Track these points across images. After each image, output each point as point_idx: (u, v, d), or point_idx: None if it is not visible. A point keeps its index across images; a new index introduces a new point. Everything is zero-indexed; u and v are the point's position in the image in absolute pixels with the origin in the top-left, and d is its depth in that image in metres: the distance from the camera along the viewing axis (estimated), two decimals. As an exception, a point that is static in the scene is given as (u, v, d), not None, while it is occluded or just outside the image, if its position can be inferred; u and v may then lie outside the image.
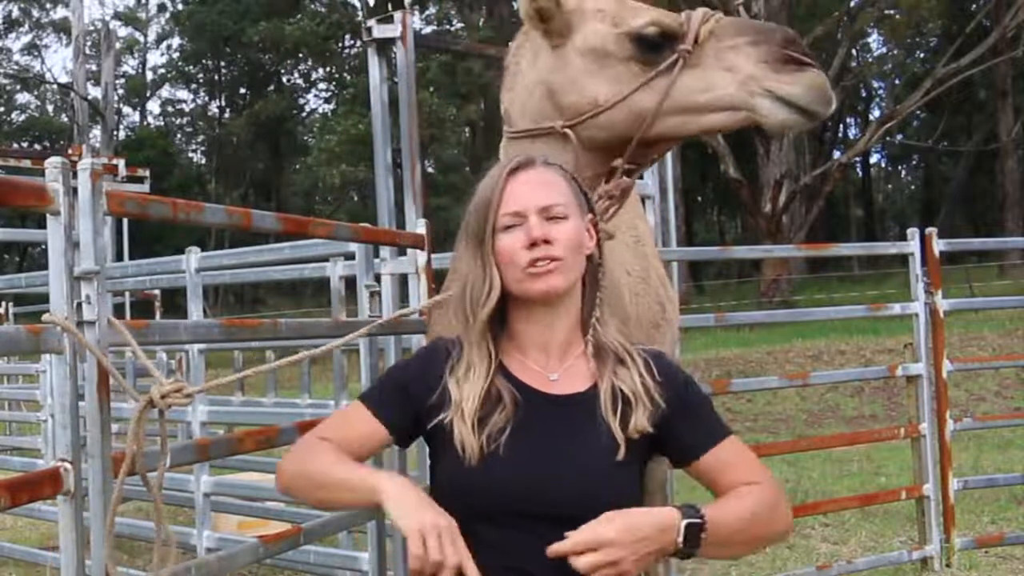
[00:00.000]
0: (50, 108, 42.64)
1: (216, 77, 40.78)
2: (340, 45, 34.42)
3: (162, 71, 43.55)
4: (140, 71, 44.05)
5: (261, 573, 5.43)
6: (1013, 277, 23.19)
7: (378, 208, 3.62)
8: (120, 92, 38.89)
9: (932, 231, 5.32)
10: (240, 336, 2.89)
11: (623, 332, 1.84)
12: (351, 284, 3.88)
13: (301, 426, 2.80)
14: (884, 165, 48.33)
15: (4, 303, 9.25)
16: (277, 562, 4.48)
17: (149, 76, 43.86)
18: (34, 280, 5.18)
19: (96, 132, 32.88)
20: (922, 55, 34.33)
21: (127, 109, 42.63)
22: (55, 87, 40.05)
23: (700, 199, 43.43)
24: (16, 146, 29.91)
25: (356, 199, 34.39)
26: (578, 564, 1.54)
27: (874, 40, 33.60)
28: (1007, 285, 21.04)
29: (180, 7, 40.08)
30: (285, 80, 39.87)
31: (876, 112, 32.45)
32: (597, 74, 2.40)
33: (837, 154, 29.91)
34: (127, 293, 7.50)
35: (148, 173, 9.27)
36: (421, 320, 2.96)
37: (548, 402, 1.73)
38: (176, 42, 42.12)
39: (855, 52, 31.55)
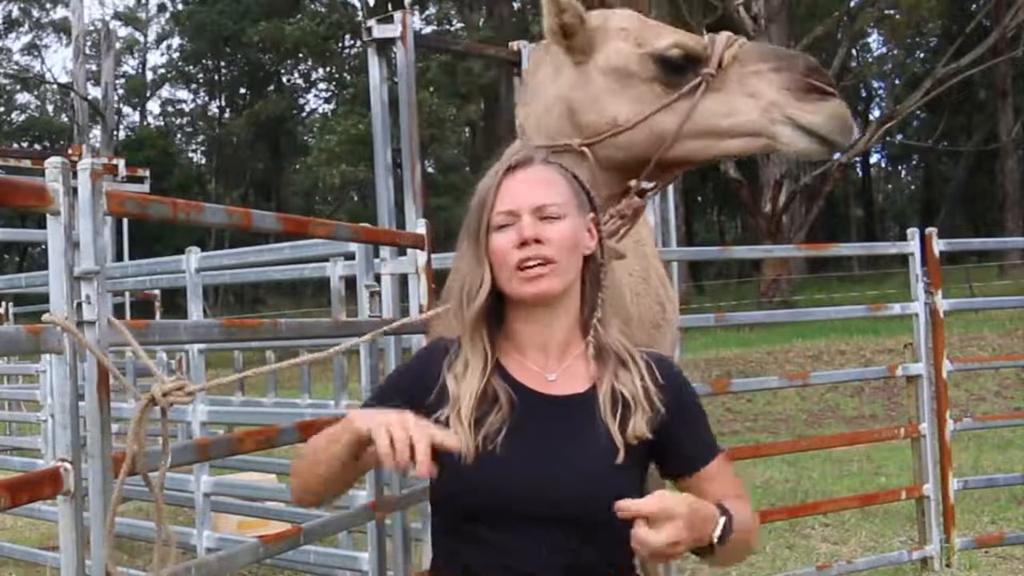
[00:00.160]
0: (50, 108, 42.66)
1: (216, 77, 40.79)
2: (340, 45, 34.43)
3: (162, 71, 43.60)
4: (140, 71, 44.07)
5: (261, 573, 5.43)
6: (1013, 277, 23.19)
7: (378, 208, 3.62)
8: (120, 92, 38.89)
9: (932, 231, 5.32)
10: (240, 336, 2.89)
11: (625, 333, 1.83)
12: (351, 284, 3.88)
13: (301, 426, 2.80)
14: (884, 165, 48.34)
15: (4, 303, 9.25)
16: (277, 562, 4.47)
17: (149, 76, 43.89)
18: (34, 280, 5.18)
19: (96, 132, 32.89)
20: (922, 55, 34.34)
21: (127, 109, 42.68)
22: (55, 87, 40.07)
23: (700, 199, 43.40)
24: (16, 146, 29.91)
25: (356, 199, 34.39)
26: (649, 539, 1.48)
27: (874, 40, 33.67)
28: (1007, 285, 21.03)
29: (180, 7, 40.10)
30: (285, 80, 39.89)
31: (876, 112, 32.41)
32: (619, 93, 2.40)
33: (837, 154, 29.87)
34: (127, 293, 7.50)
35: (148, 173, 9.26)
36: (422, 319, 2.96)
37: (546, 403, 1.71)
38: (176, 42, 42.21)
39: (855, 52, 31.57)
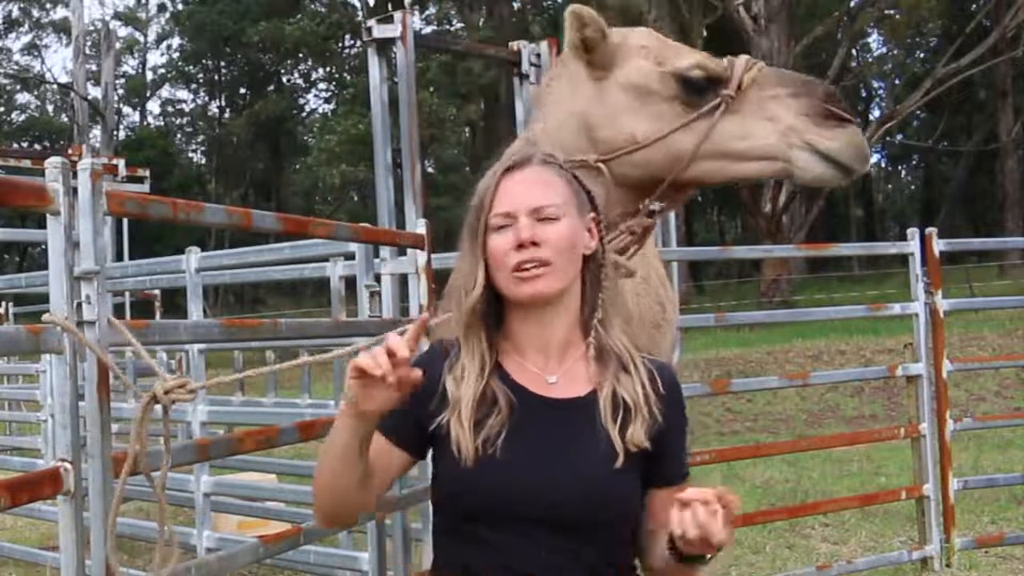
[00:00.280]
0: (50, 108, 42.65)
1: (216, 77, 40.78)
2: (340, 45, 34.43)
3: (162, 71, 43.59)
4: (140, 71, 44.06)
5: (261, 573, 5.43)
6: (1013, 277, 23.18)
7: (378, 208, 3.62)
8: (120, 92, 38.89)
9: (932, 231, 5.32)
10: (240, 336, 2.89)
11: (627, 332, 1.82)
12: (351, 284, 3.88)
13: (301, 426, 2.81)
14: (884, 165, 48.26)
15: (4, 303, 9.25)
16: (277, 562, 4.47)
17: (149, 76, 43.88)
18: (34, 280, 5.18)
19: (96, 132, 32.90)
20: (922, 55, 34.32)
21: (127, 109, 42.67)
22: (55, 87, 40.06)
23: (700, 199, 43.35)
24: (16, 146, 29.90)
25: (356, 199, 34.38)
26: (715, 527, 1.43)
27: (874, 40, 33.64)
28: (1007, 285, 21.03)
29: (180, 7, 40.09)
30: (285, 80, 39.88)
31: (876, 112, 32.41)
32: (638, 111, 2.41)
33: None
34: (127, 293, 7.50)
35: (148, 173, 9.27)
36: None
37: (546, 406, 1.70)
38: (176, 42, 42.19)
39: (855, 52, 31.56)
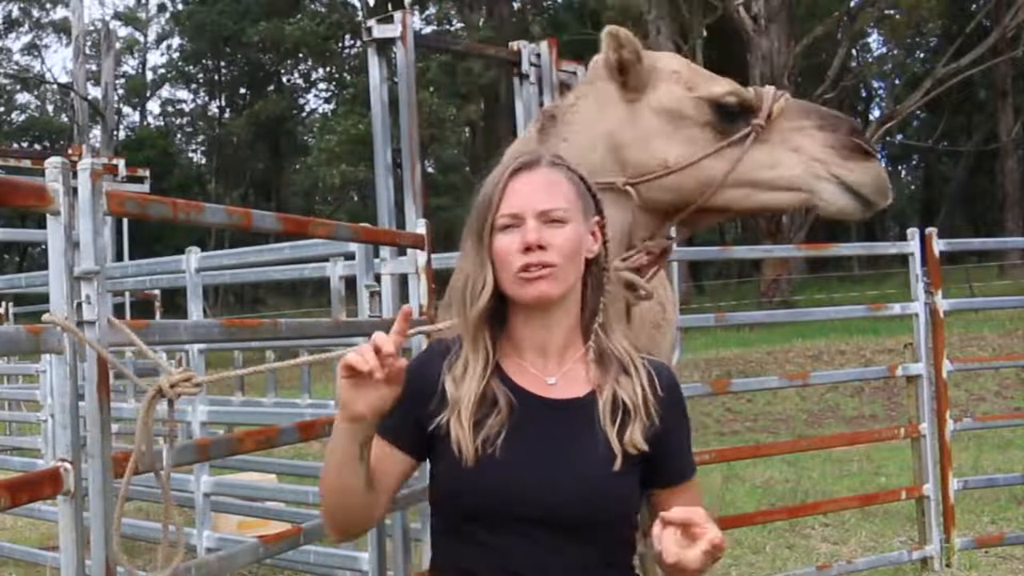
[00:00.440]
0: (50, 108, 42.64)
1: (216, 77, 40.78)
2: (340, 45, 34.43)
3: (162, 71, 43.58)
4: (140, 71, 44.05)
5: (261, 573, 5.43)
6: (1013, 277, 23.17)
7: (378, 208, 3.62)
8: (120, 92, 38.88)
9: (932, 231, 5.32)
10: (240, 336, 2.89)
11: (628, 337, 1.82)
12: (351, 284, 3.88)
13: (301, 426, 2.81)
14: (884, 165, 48.29)
15: (4, 303, 9.25)
16: (277, 562, 4.47)
17: (149, 76, 43.88)
18: (34, 280, 5.18)
19: (96, 132, 32.90)
20: (922, 55, 34.32)
21: (127, 109, 42.67)
22: (55, 87, 40.06)
23: (700, 199, 43.40)
24: (16, 146, 29.90)
25: (356, 199, 34.39)
26: (688, 556, 1.45)
27: (874, 40, 33.63)
28: (1007, 285, 21.02)
29: (180, 7, 40.08)
30: (285, 80, 39.88)
31: (876, 112, 32.45)
32: (671, 135, 2.42)
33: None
34: (127, 293, 7.50)
35: (148, 173, 9.26)
36: (423, 319, 2.96)
37: (545, 407, 1.70)
38: (176, 42, 42.19)
39: (855, 52, 31.54)
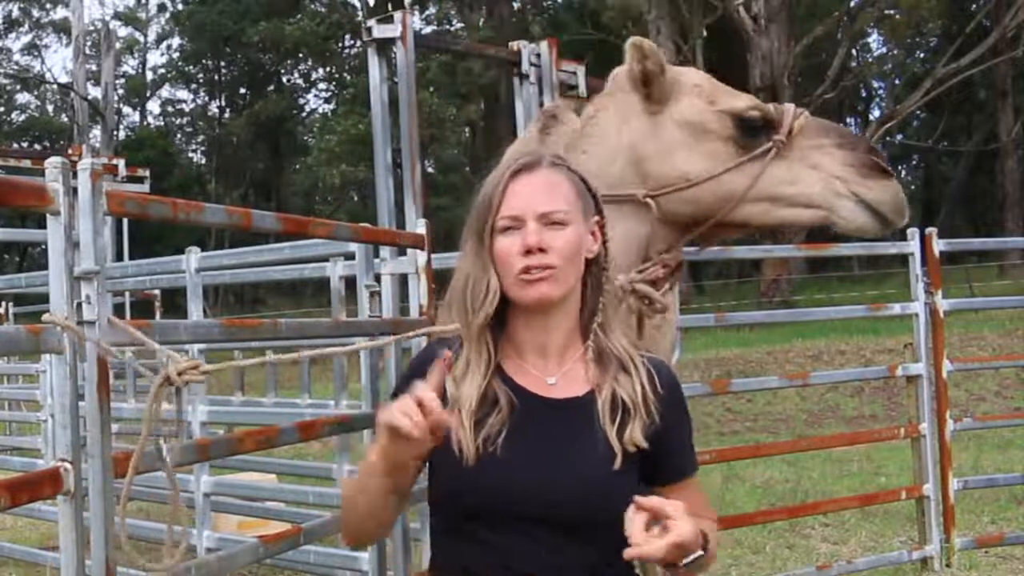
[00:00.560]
0: (50, 108, 42.63)
1: (216, 77, 40.77)
2: (340, 45, 34.43)
3: (162, 71, 43.56)
4: (140, 71, 44.04)
5: (261, 573, 5.43)
6: (1013, 277, 23.16)
7: (378, 208, 3.62)
8: (120, 92, 38.87)
9: (932, 231, 5.32)
10: (240, 336, 2.89)
11: (628, 336, 1.83)
12: (351, 284, 3.88)
13: (301, 426, 2.81)
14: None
15: (4, 303, 9.25)
16: (277, 562, 4.47)
17: (149, 76, 43.86)
18: (34, 280, 5.18)
19: (96, 132, 32.90)
20: (922, 55, 34.29)
21: (127, 109, 42.65)
22: (55, 87, 40.05)
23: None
24: (16, 146, 29.91)
25: (356, 199, 34.37)
26: (651, 546, 1.49)
27: (874, 40, 33.59)
28: (1007, 285, 21.02)
29: (180, 7, 40.07)
30: (285, 80, 39.86)
31: (876, 112, 32.41)
32: (693, 148, 2.43)
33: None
34: (127, 293, 7.51)
35: (148, 173, 9.28)
36: (423, 319, 2.96)
37: (545, 406, 1.71)
38: (176, 42, 42.16)
39: (855, 52, 31.53)
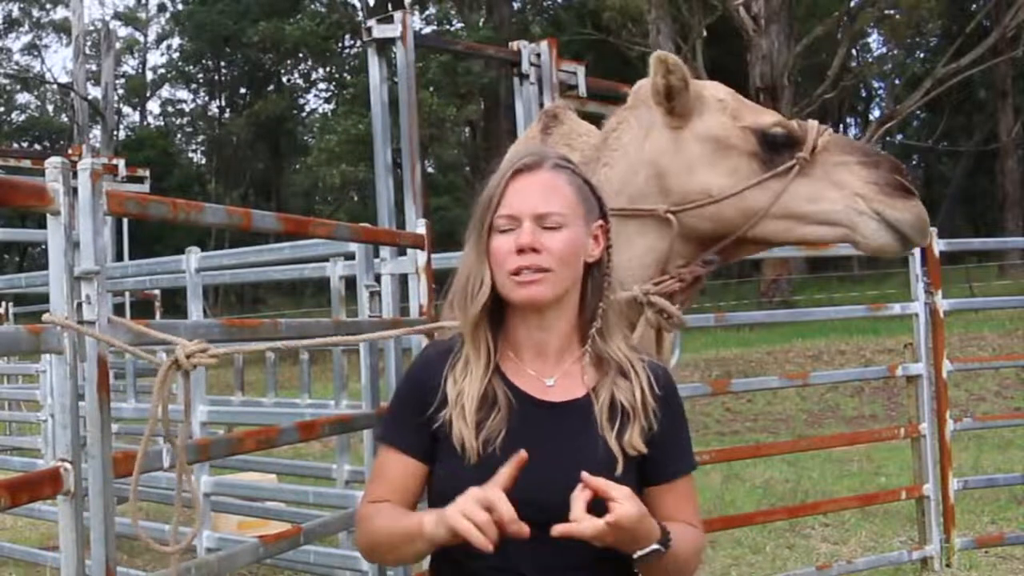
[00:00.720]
0: (50, 108, 42.63)
1: (216, 77, 40.75)
2: (340, 45, 34.41)
3: (162, 71, 43.54)
4: (140, 71, 44.04)
5: (261, 573, 5.43)
6: (1013, 277, 23.17)
7: (378, 208, 3.62)
8: (120, 92, 38.87)
9: (932, 231, 5.31)
10: (240, 336, 2.88)
11: (629, 341, 1.82)
12: (351, 284, 3.88)
13: (301, 426, 2.81)
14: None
15: (4, 303, 9.26)
16: (277, 562, 4.47)
17: (149, 76, 43.85)
18: (34, 280, 5.18)
19: (96, 132, 32.89)
20: (922, 55, 34.26)
21: (127, 109, 42.65)
22: (55, 87, 40.05)
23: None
24: (16, 146, 29.93)
25: (356, 199, 34.35)
26: (584, 526, 1.52)
27: (874, 40, 33.55)
28: (1007, 285, 21.03)
29: (180, 7, 40.05)
30: (285, 80, 39.83)
31: (876, 112, 32.39)
32: (715, 164, 2.41)
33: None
34: (127, 293, 7.50)
35: (148, 173, 9.26)
36: (423, 319, 2.96)
37: (544, 408, 1.71)
38: (176, 42, 42.13)
39: (855, 52, 31.52)
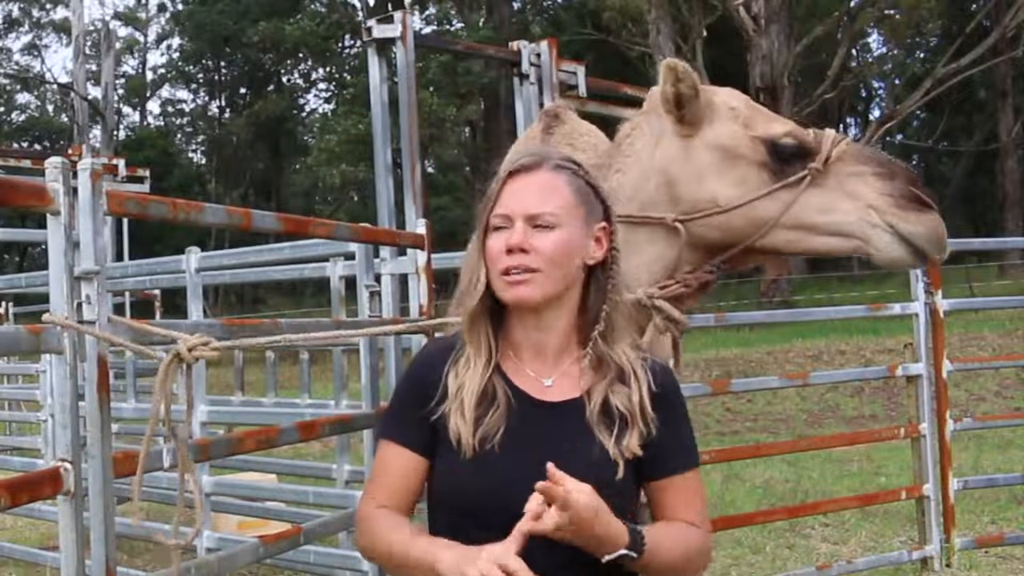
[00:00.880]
0: (50, 108, 42.63)
1: (216, 77, 40.76)
2: (340, 45, 34.42)
3: (162, 71, 43.56)
4: (140, 71, 44.04)
5: (261, 573, 5.43)
6: (1013, 277, 23.17)
7: (378, 208, 3.62)
8: (120, 92, 38.88)
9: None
10: (240, 336, 2.89)
11: (635, 346, 1.81)
12: (351, 284, 3.88)
13: (301, 426, 2.81)
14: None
15: (4, 303, 9.25)
16: (277, 562, 4.47)
17: (149, 76, 43.86)
18: (34, 280, 5.18)
19: (96, 132, 32.89)
20: (922, 55, 34.26)
21: (127, 109, 42.66)
22: (55, 87, 40.06)
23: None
24: (16, 146, 29.93)
25: (356, 199, 34.37)
26: (544, 521, 1.53)
27: (874, 40, 33.54)
28: (1007, 285, 21.04)
29: (180, 7, 40.07)
30: (285, 80, 39.84)
31: (876, 112, 32.39)
32: (724, 173, 2.39)
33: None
34: (127, 293, 7.50)
35: (148, 173, 9.25)
36: (423, 319, 2.96)
37: (542, 408, 1.72)
38: (176, 42, 42.15)
39: (855, 52, 31.53)
